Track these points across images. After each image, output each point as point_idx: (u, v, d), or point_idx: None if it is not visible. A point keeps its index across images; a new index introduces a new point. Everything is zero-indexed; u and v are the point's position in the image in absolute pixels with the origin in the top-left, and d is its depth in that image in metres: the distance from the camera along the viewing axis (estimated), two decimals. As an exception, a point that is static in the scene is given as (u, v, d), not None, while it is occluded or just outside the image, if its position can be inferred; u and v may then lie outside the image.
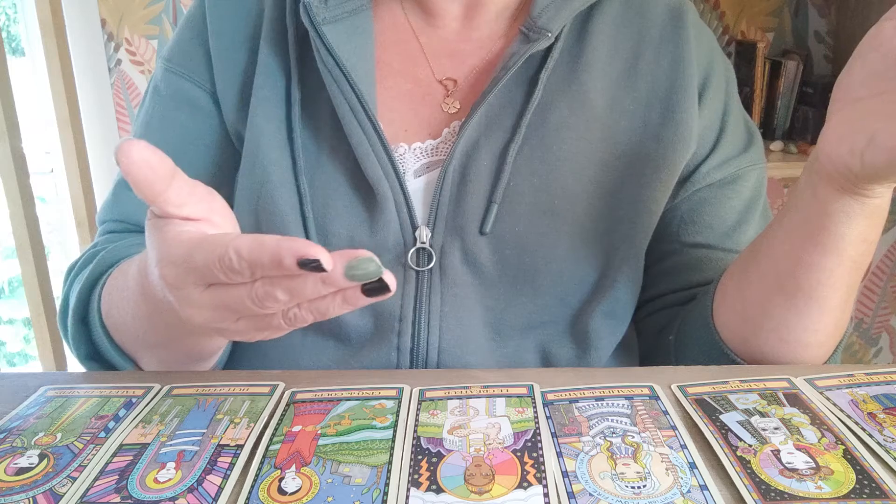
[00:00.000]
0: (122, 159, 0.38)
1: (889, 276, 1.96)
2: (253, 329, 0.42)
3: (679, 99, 0.63)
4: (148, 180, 0.39)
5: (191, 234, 0.41)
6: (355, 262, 0.37)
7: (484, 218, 0.60)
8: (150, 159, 0.39)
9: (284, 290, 0.38)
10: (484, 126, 0.61)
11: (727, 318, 0.60)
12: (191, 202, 0.42)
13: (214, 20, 0.65)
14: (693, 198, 0.66)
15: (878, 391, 0.48)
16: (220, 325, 0.42)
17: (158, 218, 0.42)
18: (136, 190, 0.39)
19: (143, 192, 0.40)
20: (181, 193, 0.41)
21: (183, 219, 0.42)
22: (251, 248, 0.37)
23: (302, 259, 0.36)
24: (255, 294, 0.39)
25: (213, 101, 0.65)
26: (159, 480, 0.41)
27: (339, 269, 0.37)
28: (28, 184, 1.52)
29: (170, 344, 0.54)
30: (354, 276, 0.37)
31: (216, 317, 0.41)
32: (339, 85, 0.59)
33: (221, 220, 0.44)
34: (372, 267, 0.37)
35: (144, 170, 0.39)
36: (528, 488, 0.39)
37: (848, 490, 0.38)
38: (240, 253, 0.37)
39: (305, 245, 0.36)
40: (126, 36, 1.71)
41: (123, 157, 0.38)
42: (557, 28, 0.60)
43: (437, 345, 0.61)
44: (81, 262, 0.64)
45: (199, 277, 0.40)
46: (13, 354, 2.11)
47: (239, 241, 0.37)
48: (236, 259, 0.37)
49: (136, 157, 0.38)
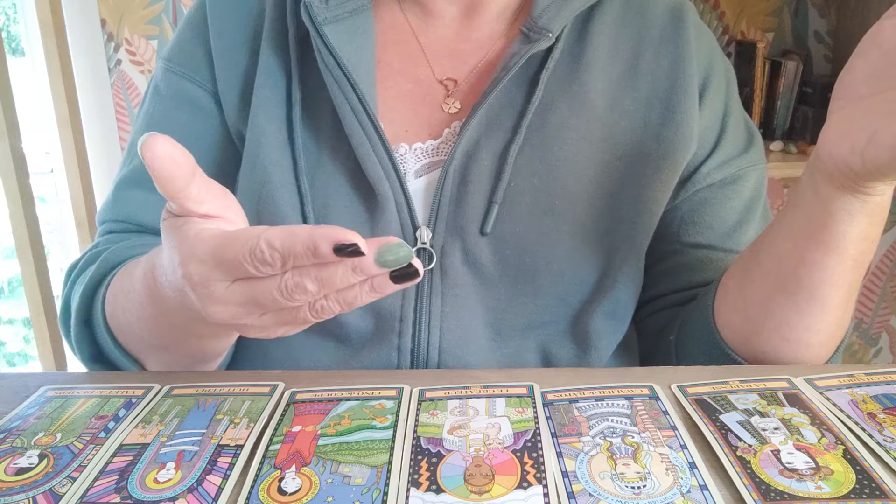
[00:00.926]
0: (147, 154, 0.38)
1: (889, 276, 1.96)
2: (277, 323, 0.42)
3: (679, 99, 0.63)
4: (171, 175, 0.39)
5: (212, 231, 0.41)
6: (386, 247, 0.37)
7: (484, 218, 0.60)
8: (174, 154, 0.39)
9: (314, 280, 0.38)
10: (484, 126, 0.61)
11: (728, 317, 0.60)
12: (209, 199, 0.42)
13: (216, 21, 0.65)
14: (693, 198, 0.66)
15: (877, 391, 0.48)
16: (245, 321, 0.42)
17: (176, 217, 0.42)
18: (159, 185, 0.39)
19: (166, 188, 0.39)
20: (201, 190, 0.41)
21: (201, 216, 0.42)
22: (283, 238, 0.37)
23: (338, 244, 0.36)
24: (285, 285, 0.38)
25: (214, 101, 0.65)
26: (159, 480, 0.41)
27: (370, 256, 0.37)
28: (28, 184, 1.52)
29: (175, 346, 0.54)
30: (386, 262, 0.37)
31: (241, 312, 0.41)
32: (340, 85, 0.59)
33: (235, 217, 0.44)
34: (403, 252, 0.37)
35: (168, 164, 0.39)
36: (528, 488, 0.39)
37: (848, 490, 0.38)
38: (272, 244, 0.37)
39: (341, 231, 0.36)
40: (126, 36, 1.71)
41: (147, 152, 0.38)
42: (558, 28, 0.60)
43: (438, 345, 0.61)
44: (83, 263, 0.64)
45: (226, 273, 0.40)
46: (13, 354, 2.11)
47: (270, 233, 0.37)
48: (268, 250, 0.37)
49: (160, 152, 0.38)
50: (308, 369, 0.63)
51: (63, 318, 0.63)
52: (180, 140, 0.66)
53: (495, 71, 0.61)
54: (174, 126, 0.66)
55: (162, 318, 0.51)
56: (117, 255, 0.61)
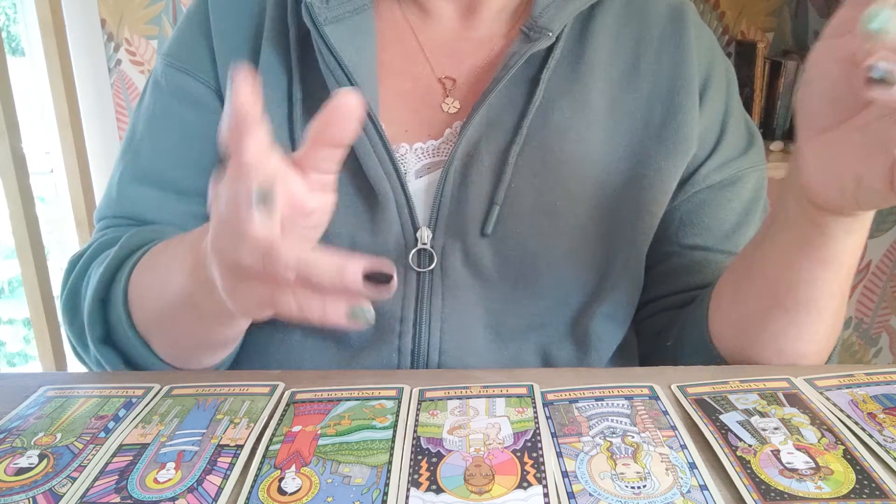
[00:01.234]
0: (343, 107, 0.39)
1: (889, 276, 1.96)
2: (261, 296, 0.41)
3: (680, 100, 0.63)
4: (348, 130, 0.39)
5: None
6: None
7: (485, 219, 0.60)
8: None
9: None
10: (485, 127, 0.60)
11: (723, 329, 0.59)
12: None
13: (217, 19, 0.65)
14: (693, 199, 0.66)
15: (877, 391, 0.48)
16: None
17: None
18: (332, 134, 0.39)
19: (336, 138, 0.40)
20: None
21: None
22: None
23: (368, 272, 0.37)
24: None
25: (217, 97, 0.65)
26: (159, 480, 0.41)
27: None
28: (28, 184, 1.52)
29: (195, 324, 0.54)
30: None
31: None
32: (341, 85, 0.59)
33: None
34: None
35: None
36: (528, 488, 0.39)
37: (848, 490, 0.38)
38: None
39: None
40: (126, 36, 1.71)
41: (343, 107, 0.39)
42: (558, 27, 0.60)
43: (438, 346, 0.61)
44: (92, 251, 0.63)
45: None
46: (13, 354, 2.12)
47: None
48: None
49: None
50: (308, 370, 0.63)
51: (69, 303, 0.62)
52: (184, 136, 0.66)
53: (495, 70, 0.60)
54: (177, 122, 0.66)
55: (199, 292, 0.50)
56: (141, 236, 0.60)
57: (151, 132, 0.67)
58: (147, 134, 0.67)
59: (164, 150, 0.66)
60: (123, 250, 0.59)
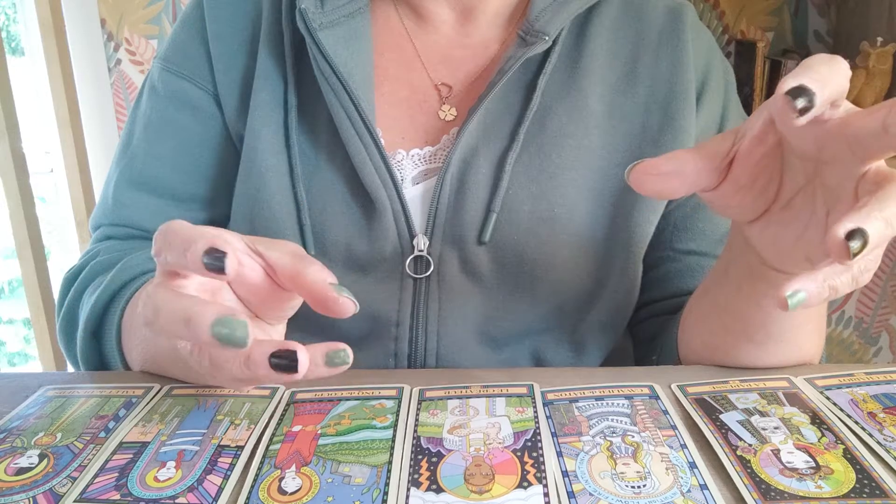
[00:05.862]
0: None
1: (889, 276, 1.96)
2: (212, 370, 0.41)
3: (678, 105, 0.62)
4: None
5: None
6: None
7: (482, 227, 0.59)
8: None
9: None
10: (482, 133, 0.60)
11: (696, 359, 0.58)
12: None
13: (214, 23, 0.64)
14: (687, 204, 0.65)
15: (878, 391, 0.48)
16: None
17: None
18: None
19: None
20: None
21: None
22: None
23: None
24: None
25: (215, 102, 0.65)
26: (159, 479, 0.41)
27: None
28: (28, 184, 1.52)
29: (188, 373, 0.53)
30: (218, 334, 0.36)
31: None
32: (336, 92, 0.58)
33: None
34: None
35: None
36: (528, 488, 0.39)
37: (848, 489, 0.38)
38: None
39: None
40: (126, 36, 1.71)
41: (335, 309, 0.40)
42: (555, 31, 0.59)
43: (435, 351, 0.61)
44: (87, 273, 0.62)
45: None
46: (13, 354, 2.12)
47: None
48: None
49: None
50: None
51: (65, 328, 0.61)
52: (182, 142, 0.66)
53: (491, 75, 0.60)
54: (175, 128, 0.65)
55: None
56: (134, 267, 0.59)
57: (148, 137, 0.66)
58: (143, 139, 0.66)
59: (161, 155, 0.65)
60: (117, 280, 0.58)
